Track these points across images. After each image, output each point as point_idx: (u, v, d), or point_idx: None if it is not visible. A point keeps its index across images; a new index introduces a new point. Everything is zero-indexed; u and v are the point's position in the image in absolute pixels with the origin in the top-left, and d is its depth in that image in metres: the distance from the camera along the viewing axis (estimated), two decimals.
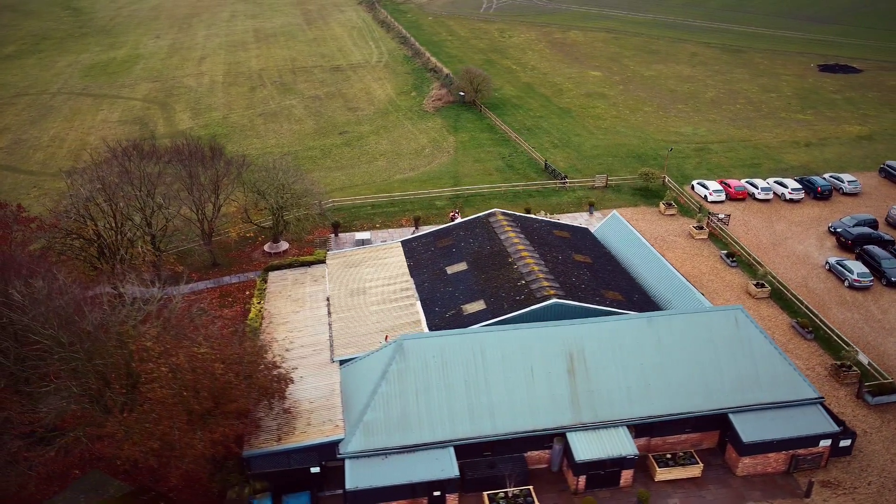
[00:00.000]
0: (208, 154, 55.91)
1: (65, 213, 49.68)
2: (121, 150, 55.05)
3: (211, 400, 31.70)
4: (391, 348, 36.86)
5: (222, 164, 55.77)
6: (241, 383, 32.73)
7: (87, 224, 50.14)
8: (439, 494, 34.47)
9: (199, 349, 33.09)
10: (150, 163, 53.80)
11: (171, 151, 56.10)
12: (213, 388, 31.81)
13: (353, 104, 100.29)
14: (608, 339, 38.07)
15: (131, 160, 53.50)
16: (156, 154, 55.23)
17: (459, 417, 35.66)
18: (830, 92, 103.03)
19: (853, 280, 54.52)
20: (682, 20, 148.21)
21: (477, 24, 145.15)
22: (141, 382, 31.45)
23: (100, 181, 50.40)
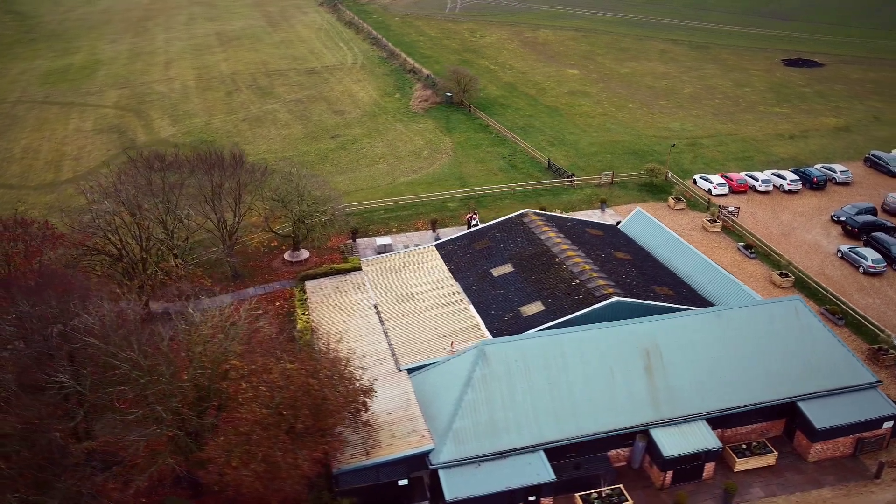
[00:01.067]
0: (231, 161, 54.00)
1: (90, 228, 47.33)
2: (142, 160, 52.70)
3: (311, 417, 30.69)
4: (472, 354, 36.44)
5: (244, 171, 53.96)
6: (338, 397, 31.81)
7: (112, 239, 47.93)
8: (534, 499, 34.25)
9: (286, 365, 32.04)
10: (173, 173, 51.67)
11: (193, 160, 53.97)
12: (311, 404, 30.82)
13: (338, 107, 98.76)
14: (680, 334, 38.55)
15: (153, 170, 51.30)
16: (177, 163, 53.01)
17: (545, 420, 35.51)
18: (800, 86, 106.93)
19: (868, 266, 56.71)
20: (647, 18, 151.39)
21: (445, 25, 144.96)
22: (238, 403, 30.20)
23: (122, 193, 48.25)
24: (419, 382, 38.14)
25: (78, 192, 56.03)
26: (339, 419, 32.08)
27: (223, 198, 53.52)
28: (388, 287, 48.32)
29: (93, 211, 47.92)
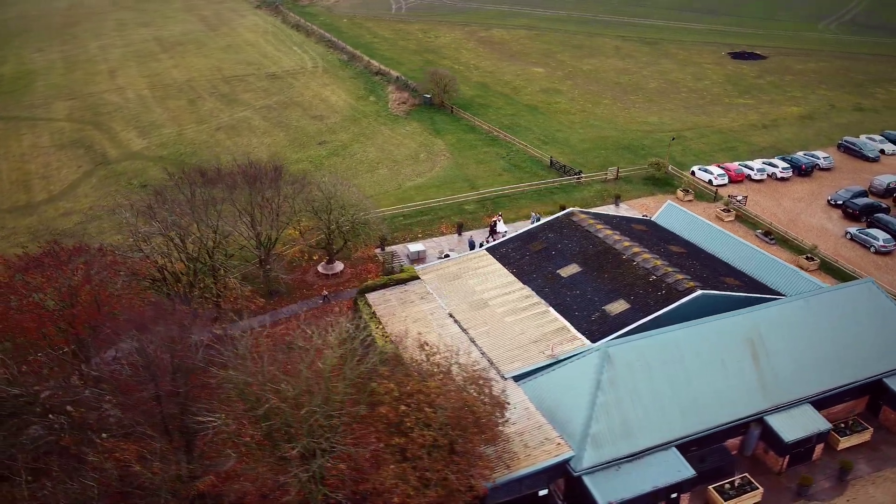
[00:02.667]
0: (272, 174, 51.45)
1: (138, 252, 44.10)
2: (184, 177, 49.43)
3: (476, 434, 29.70)
4: (596, 357, 36.28)
5: (285, 184, 51.56)
6: (495, 411, 30.91)
7: (160, 262, 44.87)
8: (675, 496, 34.48)
9: (431, 383, 30.91)
10: (216, 189, 48.80)
11: (235, 174, 51.06)
12: (474, 421, 29.81)
13: (314, 112, 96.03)
14: (777, 323, 39.76)
15: (195, 186, 48.25)
16: (220, 178, 50.05)
17: (671, 417, 35.81)
18: (753, 77, 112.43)
19: (879, 246, 60.32)
20: (591, 16, 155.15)
21: (397, 25, 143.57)
22: (406, 428, 28.82)
23: (163, 213, 45.22)
24: (532, 389, 37.59)
25: (110, 212, 51.93)
26: (495, 434, 31.17)
27: (263, 211, 51.03)
28: (455, 295, 47.36)
29: (141, 233, 44.67)
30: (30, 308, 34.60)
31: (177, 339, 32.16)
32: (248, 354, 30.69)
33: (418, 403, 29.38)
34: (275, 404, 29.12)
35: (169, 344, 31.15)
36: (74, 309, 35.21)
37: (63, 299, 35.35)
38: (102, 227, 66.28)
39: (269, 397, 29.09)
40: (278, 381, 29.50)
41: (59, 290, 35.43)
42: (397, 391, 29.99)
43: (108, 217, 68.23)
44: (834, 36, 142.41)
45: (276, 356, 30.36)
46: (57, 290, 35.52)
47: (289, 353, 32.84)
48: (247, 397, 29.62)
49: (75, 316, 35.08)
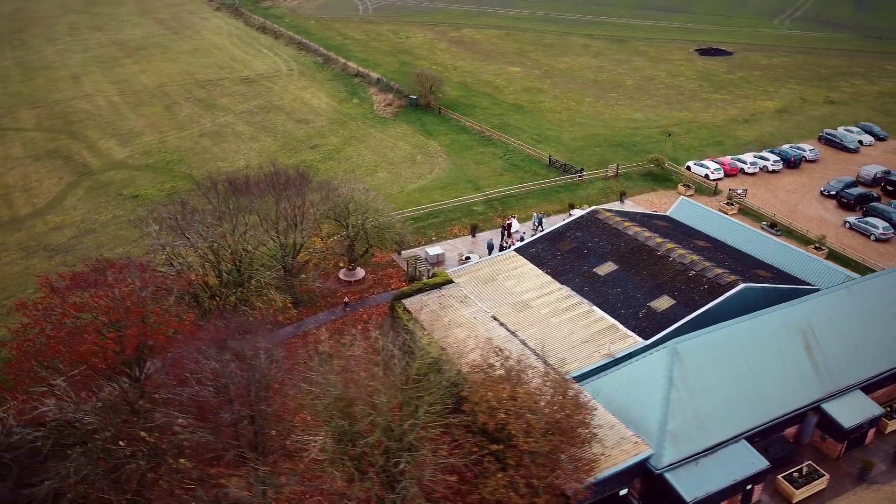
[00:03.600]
0: (299, 180, 50.07)
1: (168, 264, 42.37)
2: (212, 186, 47.62)
3: (573, 438, 29.51)
4: (664, 354, 36.51)
5: (310, 190, 50.24)
6: (585, 414, 30.76)
7: (197, 272, 43.23)
8: (751, 488, 34.99)
9: (520, 389, 30.60)
10: (243, 197, 47.20)
11: (263, 182, 49.43)
12: (573, 425, 29.63)
13: (298, 116, 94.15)
14: (825, 312, 40.80)
15: (222, 196, 46.59)
16: (248, 186, 48.38)
17: (739, 410, 36.34)
18: (724, 73, 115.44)
19: (879, 234, 62.63)
20: (557, 14, 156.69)
21: (366, 27, 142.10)
22: (508, 435, 28.39)
23: (193, 225, 43.59)
24: (596, 389, 37.55)
25: (135, 225, 49.58)
26: (588, 436, 31.02)
27: (289, 219, 49.66)
28: (493, 297, 47.04)
29: (174, 245, 42.90)
30: (85, 330, 32.73)
31: (251, 355, 31.05)
32: (337, 368, 29.81)
33: (518, 410, 28.98)
34: (373, 418, 28.38)
35: (247, 361, 30.00)
36: (130, 329, 33.45)
37: (117, 319, 33.54)
38: (100, 240, 63.49)
39: (369, 411, 28.33)
40: (374, 394, 28.75)
41: (112, 310, 33.60)
42: (494, 399, 29.54)
43: (103, 230, 65.64)
44: (790, 32, 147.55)
45: (370, 369, 29.54)
46: (109, 311, 33.69)
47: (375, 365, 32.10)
48: (341, 412, 28.74)
49: (130, 337, 33.32)
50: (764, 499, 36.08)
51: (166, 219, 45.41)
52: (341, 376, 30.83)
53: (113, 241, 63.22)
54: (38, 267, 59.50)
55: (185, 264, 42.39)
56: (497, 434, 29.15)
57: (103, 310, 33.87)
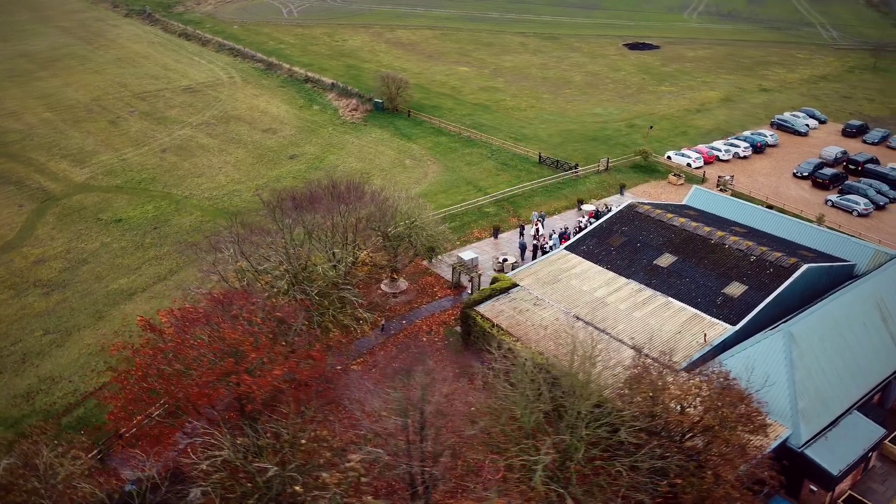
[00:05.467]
0: (356, 193, 47.86)
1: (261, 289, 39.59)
2: (277, 204, 44.59)
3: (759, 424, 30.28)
4: (780, 338, 37.98)
5: (369, 202, 48.25)
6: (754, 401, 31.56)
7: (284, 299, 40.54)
8: (869, 455, 37.14)
9: (691, 383, 31.04)
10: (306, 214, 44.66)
11: (324, 195, 46.76)
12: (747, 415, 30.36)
13: (261, 125, 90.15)
14: (890, 285, 43.85)
15: (286, 214, 43.89)
16: (312, 200, 45.67)
17: (846, 383, 38.45)
18: (659, 66, 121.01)
19: (862, 210, 67.93)
20: (480, 14, 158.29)
21: (297, 30, 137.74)
22: (709, 429, 28.76)
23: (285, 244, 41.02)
24: None
25: (191, 250, 45.47)
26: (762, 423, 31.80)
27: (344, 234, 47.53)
28: (564, 298, 47.22)
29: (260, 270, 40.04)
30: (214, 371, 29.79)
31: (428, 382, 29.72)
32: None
33: (710, 404, 29.36)
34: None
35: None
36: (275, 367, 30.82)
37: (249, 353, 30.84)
38: (97, 271, 58.22)
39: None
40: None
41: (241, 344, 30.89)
42: (681, 395, 29.77)
43: (95, 259, 60.23)
44: (700, 25, 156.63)
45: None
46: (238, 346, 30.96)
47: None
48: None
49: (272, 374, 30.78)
50: (876, 464, 38.41)
51: (228, 241, 42.30)
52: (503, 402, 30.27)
53: (113, 272, 58.18)
54: (35, 306, 53.96)
55: (275, 288, 39.59)
56: (686, 430, 29.42)
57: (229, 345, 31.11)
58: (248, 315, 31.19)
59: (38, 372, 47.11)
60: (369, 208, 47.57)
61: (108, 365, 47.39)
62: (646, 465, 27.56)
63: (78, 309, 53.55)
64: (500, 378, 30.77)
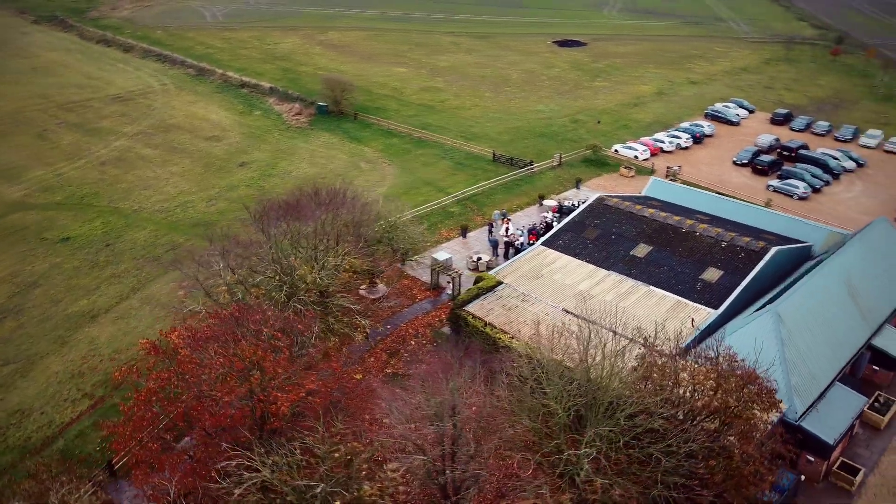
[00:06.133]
0: (341, 199, 46.95)
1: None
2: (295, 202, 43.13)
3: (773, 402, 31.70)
4: (768, 318, 39.85)
5: (352, 206, 47.45)
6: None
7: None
8: (853, 423, 39.51)
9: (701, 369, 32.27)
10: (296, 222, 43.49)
11: (311, 203, 45.48)
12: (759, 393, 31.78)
13: (203, 133, 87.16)
14: (853, 263, 46.74)
15: (272, 222, 42.65)
16: (299, 207, 44.36)
17: (827, 357, 40.77)
18: (590, 62, 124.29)
19: (801, 193, 72.04)
20: (406, 14, 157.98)
21: (225, 34, 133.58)
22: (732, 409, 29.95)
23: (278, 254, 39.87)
24: None
25: (174, 267, 43.09)
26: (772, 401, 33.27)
27: (328, 240, 46.64)
28: (551, 293, 48.00)
29: (246, 283, 38.76)
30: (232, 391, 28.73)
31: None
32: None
33: (731, 386, 30.56)
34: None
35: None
36: (308, 381, 29.99)
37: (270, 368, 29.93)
38: (52, 294, 54.92)
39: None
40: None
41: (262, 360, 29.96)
42: (707, 378, 30.90)
43: (47, 282, 56.79)
44: (622, 21, 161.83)
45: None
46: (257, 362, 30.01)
47: None
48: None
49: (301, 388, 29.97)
50: (858, 431, 40.92)
51: (213, 255, 40.78)
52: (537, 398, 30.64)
53: (70, 293, 55.06)
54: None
55: (269, 301, 38.40)
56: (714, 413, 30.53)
57: (251, 362, 30.10)
58: (267, 329, 30.20)
59: (5, 406, 44.08)
60: (356, 213, 46.79)
61: (82, 392, 45.08)
62: (682, 450, 28.41)
63: (37, 335, 50.36)
64: (526, 377, 31.02)
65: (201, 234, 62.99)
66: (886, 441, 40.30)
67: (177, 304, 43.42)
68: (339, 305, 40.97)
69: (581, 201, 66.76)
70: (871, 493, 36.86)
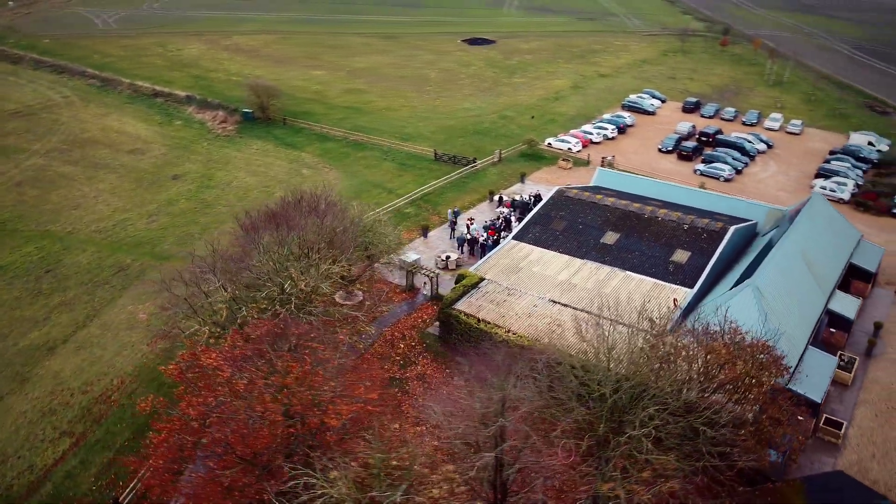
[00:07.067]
0: (325, 206, 45.87)
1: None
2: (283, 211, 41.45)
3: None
4: (748, 293, 42.59)
5: (339, 212, 46.53)
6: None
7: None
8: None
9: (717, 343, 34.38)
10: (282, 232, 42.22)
11: (295, 211, 44.01)
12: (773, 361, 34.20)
13: (124, 147, 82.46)
14: (804, 236, 50.81)
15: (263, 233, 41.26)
16: (286, 216, 42.84)
17: (800, 324, 44.21)
18: (503, 59, 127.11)
19: (727, 175, 77.20)
20: (309, 16, 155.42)
21: (122, 42, 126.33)
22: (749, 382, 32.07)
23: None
24: None
25: (161, 290, 40.32)
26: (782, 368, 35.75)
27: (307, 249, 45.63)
28: (534, 285, 49.18)
29: (249, 299, 37.39)
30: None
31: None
32: None
33: (749, 354, 32.73)
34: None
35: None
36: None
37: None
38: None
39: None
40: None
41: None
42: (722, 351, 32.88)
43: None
44: (521, 19, 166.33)
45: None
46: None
47: None
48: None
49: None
50: (830, 388, 44.60)
51: (204, 272, 39.08)
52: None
53: (17, 326, 51.04)
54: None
55: (269, 312, 37.17)
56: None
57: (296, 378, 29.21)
58: (308, 343, 29.43)
59: None
60: (343, 218, 46.02)
61: (59, 430, 42.01)
62: (723, 419, 30.20)
63: None
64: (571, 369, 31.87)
65: (148, 253, 60.13)
66: (855, 395, 44.25)
67: (160, 325, 41.13)
68: (343, 313, 40.24)
69: (532, 195, 68.82)
70: (854, 443, 40.43)
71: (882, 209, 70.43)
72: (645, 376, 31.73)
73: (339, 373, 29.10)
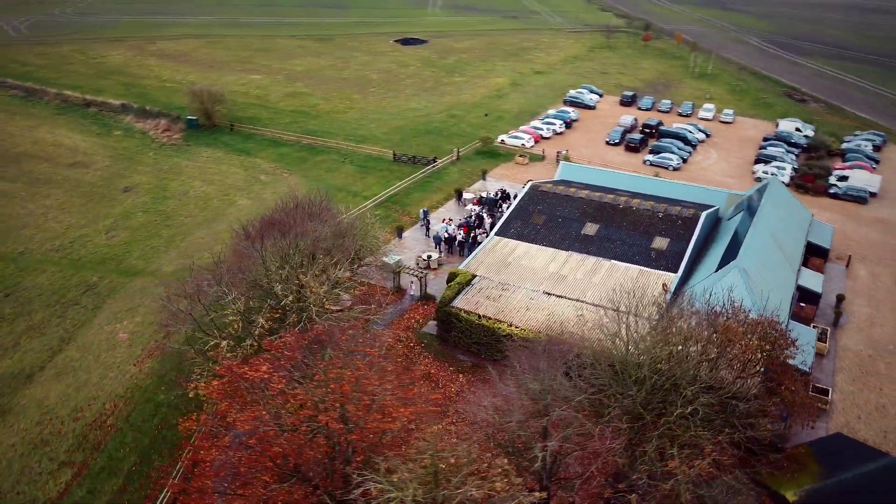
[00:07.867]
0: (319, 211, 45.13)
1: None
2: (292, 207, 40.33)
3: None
4: (735, 273, 45.00)
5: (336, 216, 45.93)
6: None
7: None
8: None
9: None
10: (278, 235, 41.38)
11: (291, 218, 42.96)
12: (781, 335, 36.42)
13: (64, 161, 78.25)
14: (770, 219, 53.99)
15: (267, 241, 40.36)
16: (288, 223, 41.85)
17: (780, 300, 47.00)
18: (438, 59, 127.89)
19: (675, 164, 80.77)
20: (235, 19, 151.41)
21: (40, 49, 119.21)
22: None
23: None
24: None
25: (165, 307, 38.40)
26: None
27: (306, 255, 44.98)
28: (525, 279, 50.20)
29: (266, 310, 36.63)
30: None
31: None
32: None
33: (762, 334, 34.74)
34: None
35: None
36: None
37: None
38: None
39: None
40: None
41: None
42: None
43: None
44: (448, 18, 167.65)
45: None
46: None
47: None
48: None
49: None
50: None
51: (208, 285, 38.00)
52: None
53: None
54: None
55: (287, 323, 36.58)
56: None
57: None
58: (358, 348, 29.24)
59: None
60: (341, 224, 45.54)
61: (56, 462, 39.81)
62: (751, 392, 32.00)
63: None
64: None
65: (115, 270, 57.65)
66: (832, 364, 47.56)
67: (146, 343, 39.69)
68: (354, 316, 40.00)
69: (498, 191, 69.94)
70: (840, 408, 43.52)
71: (819, 190, 75.46)
72: (680, 358, 33.19)
73: (383, 375, 29.03)
